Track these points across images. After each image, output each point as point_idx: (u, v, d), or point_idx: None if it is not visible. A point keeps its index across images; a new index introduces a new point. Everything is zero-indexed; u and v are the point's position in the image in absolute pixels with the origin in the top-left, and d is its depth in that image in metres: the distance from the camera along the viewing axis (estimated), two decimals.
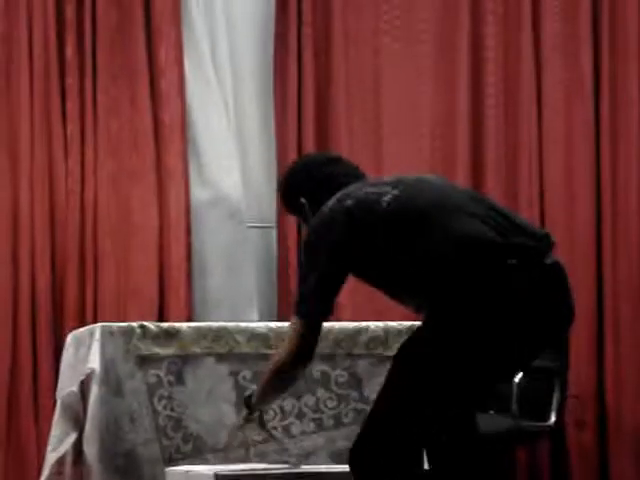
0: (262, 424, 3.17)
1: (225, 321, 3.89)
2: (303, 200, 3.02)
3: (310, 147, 4.98)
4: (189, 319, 4.72)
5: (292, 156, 4.97)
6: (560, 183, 5.14)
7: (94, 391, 3.58)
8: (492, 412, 4.51)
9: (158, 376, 3.62)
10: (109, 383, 3.58)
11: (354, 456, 2.87)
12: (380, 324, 3.89)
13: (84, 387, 3.73)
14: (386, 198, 2.83)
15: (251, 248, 4.99)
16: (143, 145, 4.87)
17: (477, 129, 5.12)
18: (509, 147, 5.14)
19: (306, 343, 2.92)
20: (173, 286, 4.84)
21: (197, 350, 3.71)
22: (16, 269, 4.74)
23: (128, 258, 4.83)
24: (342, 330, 3.79)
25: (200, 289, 4.92)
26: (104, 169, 4.83)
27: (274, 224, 5.01)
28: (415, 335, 2.88)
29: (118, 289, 4.80)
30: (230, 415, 3.62)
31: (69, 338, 3.91)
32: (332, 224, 2.86)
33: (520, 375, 4.45)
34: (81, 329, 3.87)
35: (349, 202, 2.85)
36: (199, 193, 4.99)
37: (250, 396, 3.13)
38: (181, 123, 4.90)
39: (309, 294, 2.88)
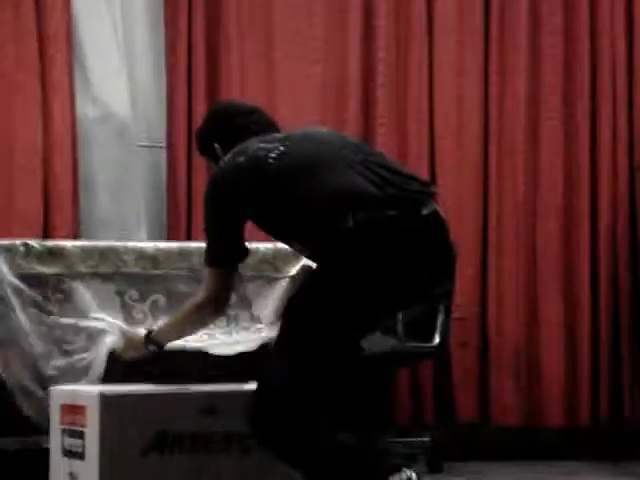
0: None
1: (113, 241, 3.84)
2: (217, 146, 3.21)
3: (201, 64, 4.90)
4: (75, 238, 4.64)
5: (182, 75, 4.91)
6: (451, 112, 5.17)
7: None
8: (378, 333, 4.57)
9: (45, 294, 3.56)
10: None
11: (253, 413, 2.98)
12: (269, 246, 3.89)
13: None
14: (273, 154, 3.01)
15: (140, 167, 4.92)
16: (27, 57, 4.73)
17: (368, 51, 5.11)
18: (400, 69, 5.14)
19: (220, 289, 3.11)
20: (58, 204, 4.73)
21: (83, 269, 3.66)
22: None
23: (10, 176, 4.70)
24: None
25: (87, 208, 4.83)
26: None
27: (164, 144, 4.95)
28: (300, 290, 3.05)
29: (0, 207, 4.69)
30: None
31: None
32: (227, 180, 3.06)
33: None
34: None
35: (241, 159, 3.04)
36: (86, 110, 4.88)
37: (150, 332, 3.26)
38: (66, 35, 4.76)
39: (211, 244, 3.08)
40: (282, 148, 3.03)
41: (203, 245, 3.33)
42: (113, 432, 3.18)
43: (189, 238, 4.79)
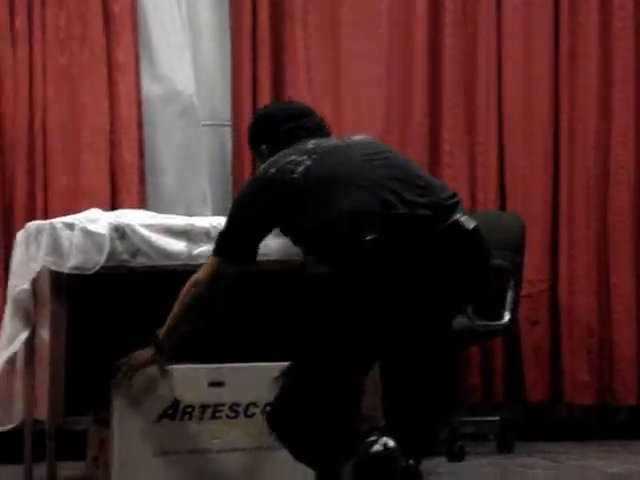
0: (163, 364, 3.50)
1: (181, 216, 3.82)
2: (263, 147, 3.31)
3: (265, 42, 4.89)
4: None
5: (247, 53, 4.89)
6: (519, 77, 5.10)
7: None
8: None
9: None
10: None
11: (273, 417, 3.10)
12: None
13: (35, 284, 3.69)
14: (299, 169, 3.09)
15: (205, 146, 4.93)
16: (93, 38, 4.75)
17: (435, 25, 5.05)
18: (468, 39, 5.08)
19: (209, 276, 3.23)
20: (124, 183, 4.77)
21: None
22: None
23: (79, 155, 4.75)
24: None
25: (153, 187, 4.86)
26: (52, 63, 4.72)
27: (229, 122, 4.94)
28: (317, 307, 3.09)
29: (68, 188, 4.72)
30: None
31: (19, 235, 3.84)
32: (256, 187, 3.17)
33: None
34: (31, 226, 3.79)
35: (272, 170, 3.13)
36: (151, 88, 4.89)
37: (157, 335, 3.39)
38: (132, 15, 4.79)
39: (224, 235, 3.21)
40: (308, 162, 3.10)
41: None
42: (131, 402, 3.55)
43: None
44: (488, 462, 4.35)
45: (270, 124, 3.32)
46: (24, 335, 3.71)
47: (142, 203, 4.75)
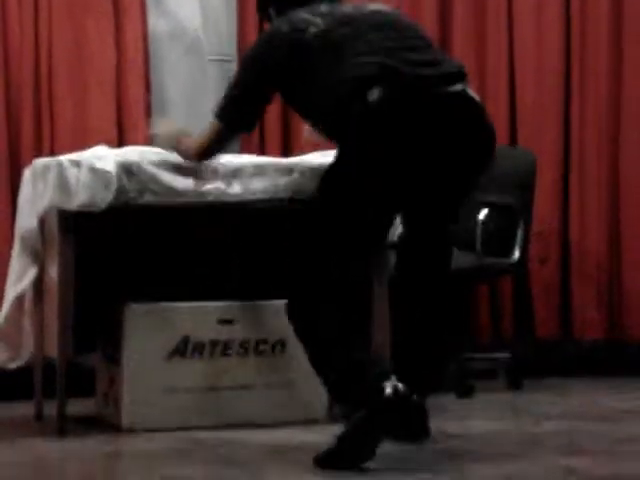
0: None
1: None
2: (271, 10, 3.32)
3: None
4: None
5: None
6: (530, 14, 5.04)
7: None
8: (456, 249, 4.51)
9: None
10: None
11: (290, 306, 3.10)
12: None
13: (43, 222, 3.68)
14: (312, 30, 3.12)
15: (211, 80, 4.88)
16: None
17: None
18: None
19: (215, 145, 3.32)
20: (131, 121, 4.73)
21: None
22: None
23: (85, 93, 4.71)
24: None
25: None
26: (58, 1, 4.66)
27: (234, 57, 4.90)
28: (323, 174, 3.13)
29: (75, 126, 4.69)
30: None
31: (26, 173, 3.84)
32: (267, 45, 3.19)
33: (484, 212, 4.45)
34: (38, 163, 3.78)
35: (285, 27, 3.15)
36: (157, 25, 4.85)
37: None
38: None
39: (232, 101, 3.22)
40: (322, 25, 3.13)
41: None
42: (141, 339, 3.60)
43: (263, 152, 4.76)
44: (497, 399, 4.36)
45: None
46: (32, 273, 3.72)
47: (149, 140, 4.72)
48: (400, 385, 2.95)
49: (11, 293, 3.75)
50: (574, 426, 3.63)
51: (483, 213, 4.47)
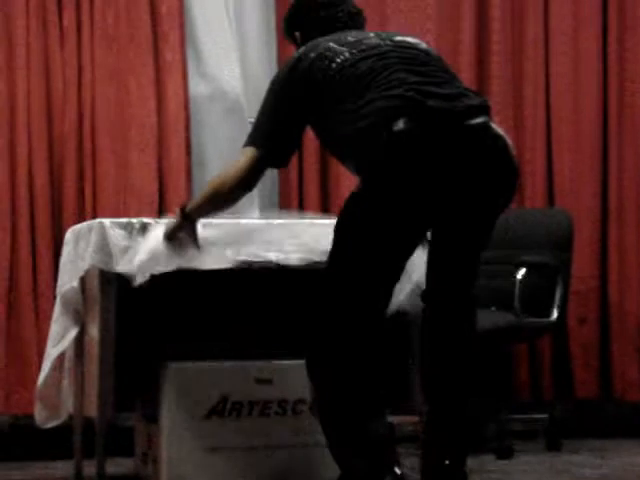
0: (192, 232, 3.38)
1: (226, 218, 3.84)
2: (297, 34, 3.33)
3: None
4: None
5: (292, 51, 4.88)
6: (568, 71, 5.08)
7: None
8: (493, 308, 4.51)
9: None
10: None
11: (310, 352, 3.06)
12: None
13: (84, 282, 3.72)
14: (337, 60, 3.07)
15: None
16: (140, 37, 4.78)
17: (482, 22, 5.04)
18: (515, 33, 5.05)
19: (253, 172, 3.15)
20: (172, 182, 4.79)
21: None
22: (13, 165, 4.69)
23: (127, 154, 4.78)
24: None
25: (200, 185, 4.87)
26: (101, 61, 4.75)
27: None
28: (343, 206, 3.07)
29: (117, 186, 4.76)
30: None
31: (68, 234, 3.88)
32: (293, 72, 3.13)
33: (522, 272, 4.45)
34: (80, 224, 3.83)
35: (312, 55, 3.11)
36: (198, 87, 4.92)
37: (184, 207, 3.36)
38: (179, 14, 4.81)
39: (259, 125, 3.15)
40: (348, 55, 3.08)
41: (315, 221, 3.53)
42: (180, 398, 3.60)
43: (301, 208, 4.79)
44: (537, 460, 4.32)
45: (306, 12, 3.33)
46: (73, 333, 3.74)
47: (189, 201, 4.76)
48: (399, 474, 2.90)
49: (52, 353, 3.78)
50: None
51: (521, 272, 4.47)
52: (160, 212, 4.69)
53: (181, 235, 3.39)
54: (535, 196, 5.05)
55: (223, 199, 3.25)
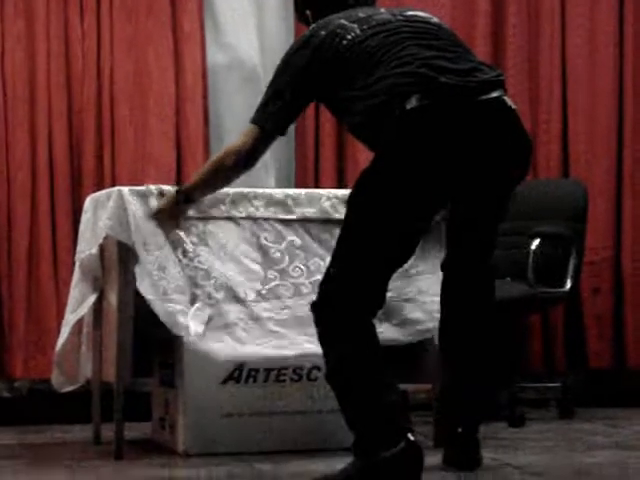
0: (182, 212, 3.48)
1: (241, 187, 3.88)
2: (308, 12, 3.32)
3: None
4: None
5: None
6: (583, 45, 5.07)
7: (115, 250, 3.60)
8: (508, 279, 4.53)
9: (179, 236, 3.62)
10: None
11: (319, 298, 3.02)
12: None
13: (103, 249, 3.76)
14: (349, 36, 3.08)
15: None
16: (158, 7, 4.81)
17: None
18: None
19: (254, 150, 3.18)
20: (190, 151, 4.83)
21: (215, 214, 3.71)
22: (34, 135, 4.74)
23: (145, 124, 4.81)
24: None
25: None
26: (120, 32, 4.78)
27: None
28: (357, 181, 3.07)
29: (135, 155, 4.80)
30: (258, 272, 3.65)
31: (87, 201, 3.91)
32: (304, 49, 3.12)
33: (536, 242, 4.47)
34: (99, 192, 3.87)
35: (322, 33, 3.10)
36: (216, 57, 4.94)
37: (180, 187, 3.44)
38: None
39: (265, 104, 3.15)
40: (358, 32, 3.07)
41: (332, 191, 3.55)
42: (197, 365, 3.61)
43: (317, 186, 4.81)
44: (548, 428, 4.36)
45: None
46: (92, 299, 3.79)
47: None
48: (412, 440, 2.91)
49: (70, 319, 3.83)
50: (626, 457, 3.61)
51: (535, 243, 4.49)
52: (178, 181, 4.73)
53: (169, 213, 3.47)
54: (550, 167, 5.06)
55: (224, 176, 3.31)
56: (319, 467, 3.26)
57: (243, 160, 3.21)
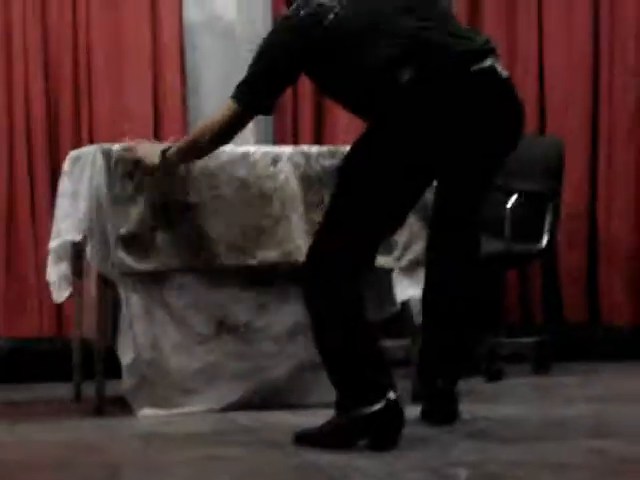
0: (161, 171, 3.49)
1: None
2: None
3: None
4: None
5: None
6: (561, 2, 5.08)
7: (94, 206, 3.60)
8: (485, 235, 4.56)
9: None
10: (113, 191, 3.58)
11: (310, 255, 3.04)
12: None
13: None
14: (330, 15, 3.03)
15: (245, 68, 4.92)
16: None
17: None
18: None
19: (231, 127, 3.17)
20: (167, 107, 4.82)
21: None
22: (10, 91, 4.72)
23: (122, 79, 4.79)
24: None
25: (194, 110, 4.90)
26: None
27: None
28: (350, 150, 3.09)
29: (113, 111, 4.78)
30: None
31: (67, 160, 3.88)
32: (285, 30, 3.09)
33: (513, 199, 4.49)
34: (78, 150, 3.85)
35: (302, 13, 3.06)
36: (193, 14, 4.92)
37: (166, 151, 3.42)
38: None
39: (246, 81, 3.12)
40: (338, 9, 3.04)
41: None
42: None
43: (295, 142, 4.81)
44: (525, 382, 4.40)
45: None
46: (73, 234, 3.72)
47: (184, 127, 4.80)
48: (393, 398, 2.94)
49: (52, 245, 3.78)
50: (602, 409, 3.65)
51: (512, 200, 4.51)
52: (155, 137, 4.72)
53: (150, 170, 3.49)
54: (526, 123, 5.06)
55: (200, 148, 3.33)
56: (300, 421, 3.29)
57: (220, 137, 3.23)
